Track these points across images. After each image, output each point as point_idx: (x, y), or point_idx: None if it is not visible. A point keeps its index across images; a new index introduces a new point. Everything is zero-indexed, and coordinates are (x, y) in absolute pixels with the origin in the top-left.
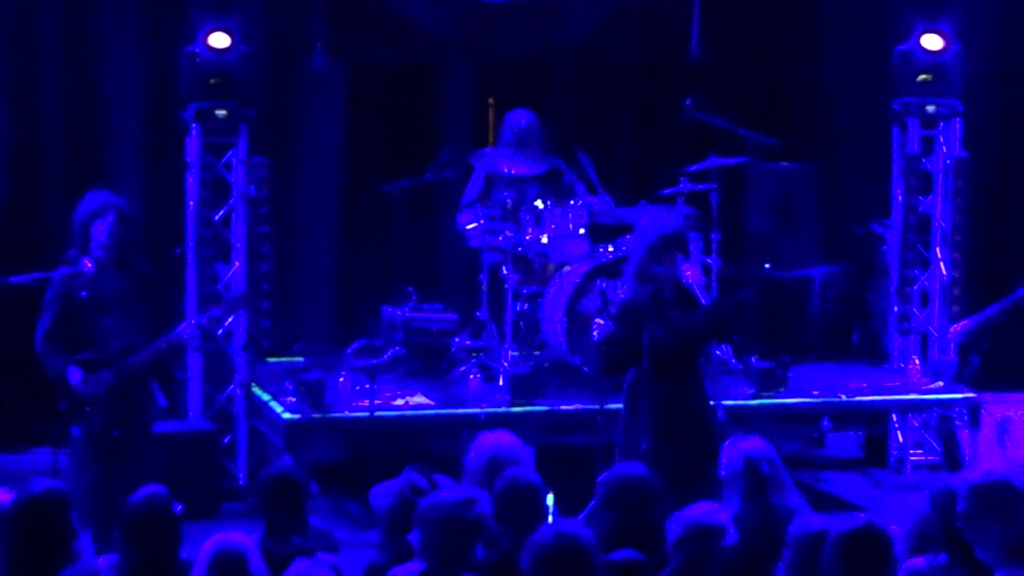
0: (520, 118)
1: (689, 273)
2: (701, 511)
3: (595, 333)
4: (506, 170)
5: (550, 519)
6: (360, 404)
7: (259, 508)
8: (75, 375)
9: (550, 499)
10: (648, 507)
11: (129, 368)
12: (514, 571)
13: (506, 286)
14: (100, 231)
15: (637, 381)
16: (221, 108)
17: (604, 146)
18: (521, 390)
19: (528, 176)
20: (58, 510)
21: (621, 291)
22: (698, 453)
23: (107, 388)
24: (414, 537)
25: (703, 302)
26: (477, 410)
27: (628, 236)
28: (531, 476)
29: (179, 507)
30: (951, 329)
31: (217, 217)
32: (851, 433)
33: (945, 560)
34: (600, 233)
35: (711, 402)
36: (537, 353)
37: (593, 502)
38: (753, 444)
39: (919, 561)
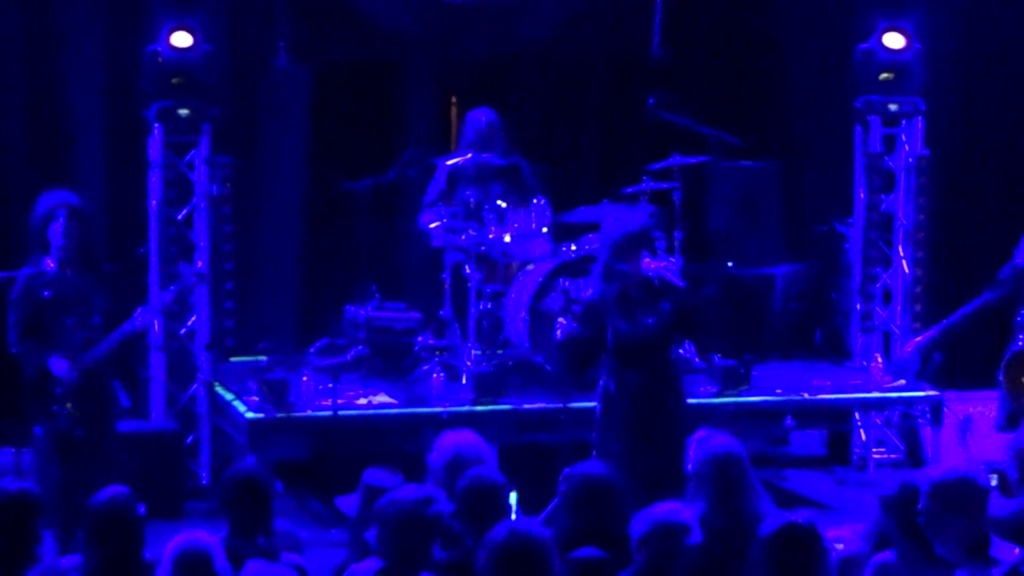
0: (480, 117)
1: (653, 265)
2: (666, 509)
3: (558, 332)
4: (469, 157)
5: (513, 518)
6: (323, 403)
7: (223, 508)
8: (60, 365)
9: (513, 498)
10: (609, 505)
11: (93, 360)
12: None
13: (469, 285)
14: (55, 234)
15: (609, 380)
16: (183, 107)
17: (567, 144)
18: (484, 389)
19: (490, 166)
20: (29, 512)
21: (584, 290)
22: (672, 450)
23: (76, 381)
24: (371, 535)
25: (679, 284)
26: (440, 409)
27: (591, 235)
28: (494, 475)
29: (142, 507)
30: (906, 348)
31: (180, 216)
32: (814, 431)
33: (906, 555)
34: (563, 232)
35: (685, 399)
36: (500, 352)
37: (555, 501)
38: (721, 441)
39: (882, 556)
